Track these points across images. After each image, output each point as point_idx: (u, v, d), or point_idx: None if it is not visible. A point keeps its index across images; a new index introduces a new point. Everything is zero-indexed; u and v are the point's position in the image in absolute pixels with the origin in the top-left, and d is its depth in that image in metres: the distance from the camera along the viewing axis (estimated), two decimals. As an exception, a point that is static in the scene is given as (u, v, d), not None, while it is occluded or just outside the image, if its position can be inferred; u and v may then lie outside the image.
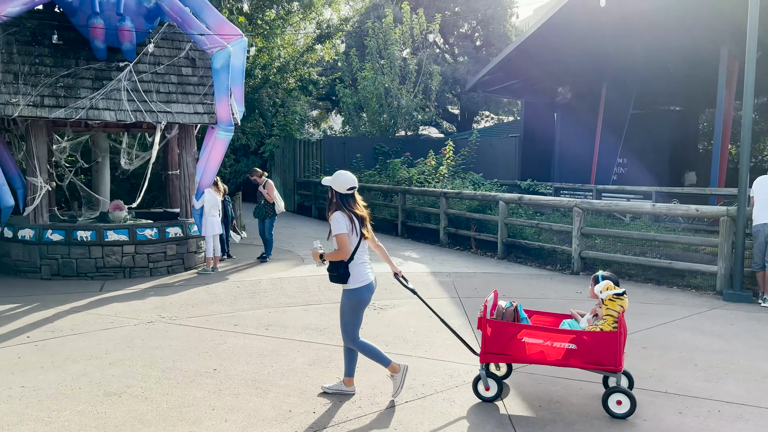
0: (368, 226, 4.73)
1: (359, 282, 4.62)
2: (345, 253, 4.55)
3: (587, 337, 4.43)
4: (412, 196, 14.43)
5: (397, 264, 10.69)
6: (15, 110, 8.76)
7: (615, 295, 4.47)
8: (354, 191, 4.69)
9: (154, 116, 9.57)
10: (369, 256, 4.85)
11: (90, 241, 9.29)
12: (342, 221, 4.56)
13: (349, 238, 4.56)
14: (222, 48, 9.43)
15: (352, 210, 4.63)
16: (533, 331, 4.55)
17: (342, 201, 4.64)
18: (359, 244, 4.63)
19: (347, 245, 4.55)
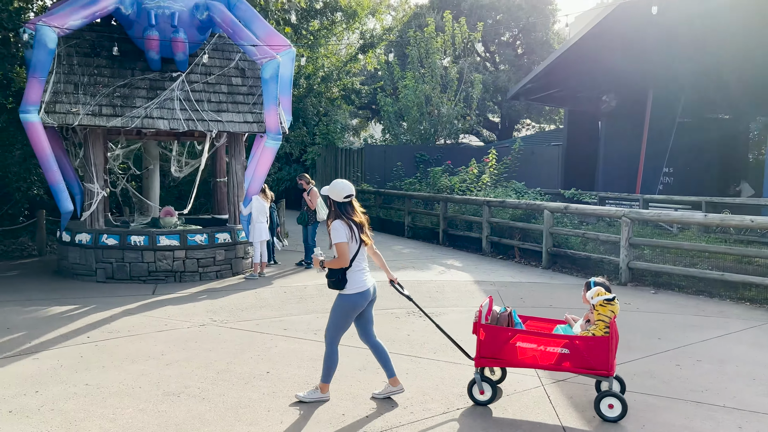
0: (367, 233, 4.80)
1: (355, 289, 4.70)
2: (344, 261, 4.64)
3: (579, 342, 4.50)
4: (454, 204, 14.42)
5: (439, 272, 10.74)
6: (75, 119, 9.12)
7: (606, 301, 4.55)
8: (351, 199, 4.76)
9: (205, 125, 9.83)
10: (388, 263, 4.93)
11: (143, 245, 9.58)
12: (341, 230, 4.62)
13: (348, 246, 4.64)
14: (271, 58, 9.65)
15: (351, 218, 4.69)
16: (527, 335, 4.66)
17: (340, 209, 4.70)
18: (359, 251, 4.71)
19: (347, 254, 4.63)
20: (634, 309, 8.19)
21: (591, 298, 4.65)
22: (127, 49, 10.29)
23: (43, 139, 8.91)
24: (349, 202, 4.74)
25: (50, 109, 9.05)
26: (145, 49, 9.91)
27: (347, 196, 4.72)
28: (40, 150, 8.95)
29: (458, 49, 22.65)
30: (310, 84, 19.57)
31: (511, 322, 4.86)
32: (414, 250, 13.61)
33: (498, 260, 12.29)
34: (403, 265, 11.52)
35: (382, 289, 5.34)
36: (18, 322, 7.28)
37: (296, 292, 9.13)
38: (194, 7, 9.93)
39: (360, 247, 4.72)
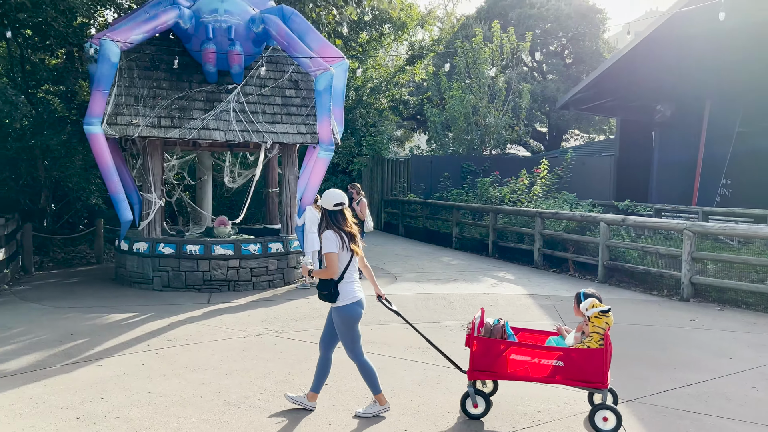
0: (358, 243, 4.71)
1: (348, 299, 4.62)
2: (333, 272, 4.57)
3: (575, 355, 4.46)
4: (504, 215, 14.20)
5: (491, 285, 10.56)
6: (135, 131, 9.35)
7: (601, 313, 4.54)
8: (342, 207, 4.70)
9: (260, 136, 9.95)
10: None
11: (198, 254, 9.73)
12: (332, 240, 4.57)
13: (339, 257, 4.57)
14: (325, 70, 9.71)
15: (342, 227, 4.63)
16: (521, 348, 4.60)
17: (331, 218, 4.66)
18: (350, 262, 4.63)
19: (336, 265, 4.56)
20: (700, 326, 7.86)
21: (585, 309, 4.61)
22: (184, 62, 10.52)
23: (105, 150, 9.17)
24: (340, 211, 4.68)
25: (112, 121, 9.31)
26: (203, 62, 10.11)
27: (337, 204, 4.67)
28: (102, 161, 9.20)
29: (506, 59, 22.45)
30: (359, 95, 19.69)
31: (504, 334, 4.82)
32: (463, 262, 13.44)
33: (551, 273, 12.02)
34: (453, 277, 11.38)
35: (434, 302, 5.24)
36: (81, 328, 7.46)
37: (348, 303, 9.09)
38: (250, 21, 10.10)
39: (352, 257, 4.64)
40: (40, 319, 7.91)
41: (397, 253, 14.76)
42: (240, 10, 10.10)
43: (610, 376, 4.60)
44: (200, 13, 9.96)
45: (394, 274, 11.64)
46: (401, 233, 19.47)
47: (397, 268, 12.45)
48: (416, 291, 9.95)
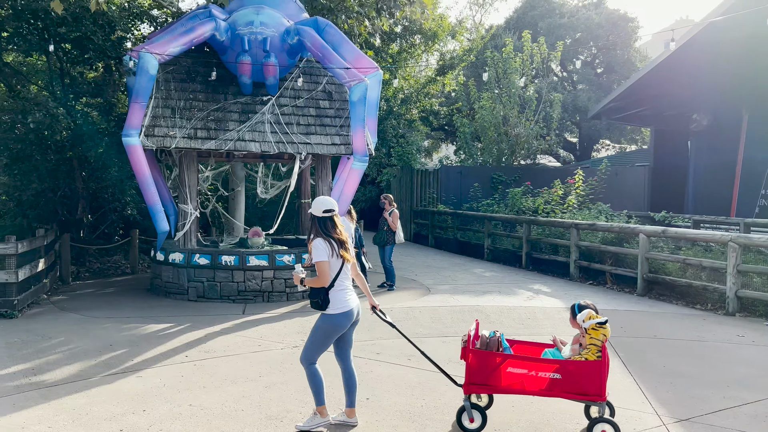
0: (349, 250, 4.63)
1: (338, 309, 4.54)
2: (324, 280, 4.50)
3: (572, 367, 4.42)
4: (538, 226, 13.99)
5: (527, 298, 10.36)
6: (172, 142, 9.44)
7: (598, 324, 4.47)
8: (332, 214, 4.63)
9: (294, 147, 9.96)
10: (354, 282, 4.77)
11: (233, 265, 9.74)
12: (322, 248, 4.50)
13: (329, 265, 4.50)
14: (360, 81, 9.69)
15: (331, 235, 4.56)
16: (518, 360, 4.52)
17: (320, 225, 4.59)
18: (341, 269, 4.56)
19: (327, 273, 4.49)
20: (749, 342, 7.57)
21: (582, 321, 4.57)
22: (220, 74, 10.60)
23: (143, 162, 9.25)
24: (330, 218, 4.61)
25: (149, 133, 9.41)
26: (238, 74, 10.18)
27: (327, 211, 4.61)
28: (140, 172, 9.29)
29: (536, 68, 22.26)
30: (390, 106, 19.69)
31: (500, 346, 4.75)
32: (496, 274, 13.26)
33: (587, 286, 11.77)
34: (488, 289, 11.21)
35: (470, 315, 5.11)
36: (119, 339, 7.49)
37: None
38: (285, 32, 10.15)
39: (342, 265, 4.57)
40: (79, 329, 7.97)
41: (428, 264, 14.63)
42: (275, 22, 10.16)
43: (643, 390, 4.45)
44: (236, 26, 10.04)
45: (427, 286, 11.52)
46: (431, 244, 19.33)
47: (430, 279, 12.33)
48: (451, 303, 9.81)
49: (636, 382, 5.92)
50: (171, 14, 12.09)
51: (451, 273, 13.30)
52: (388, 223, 11.15)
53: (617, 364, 6.57)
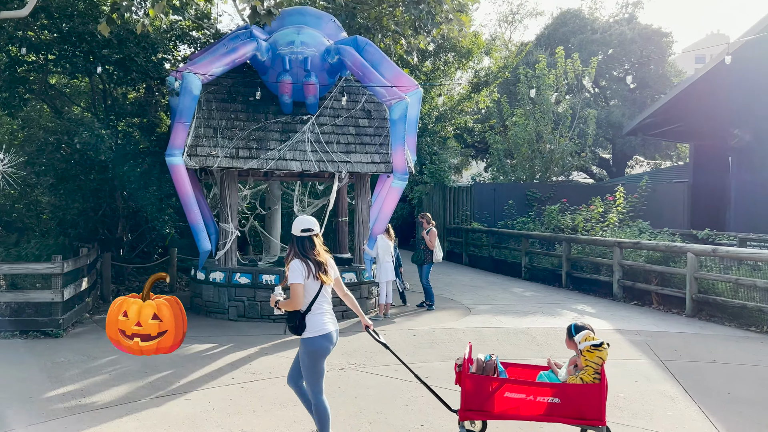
0: (329, 272, 4.45)
1: (316, 331, 4.37)
2: (299, 303, 4.31)
3: (571, 391, 4.33)
4: (579, 245, 13.70)
5: (572, 319, 10.08)
6: (214, 162, 9.47)
7: (593, 347, 4.40)
8: (311, 234, 4.43)
9: (335, 166, 9.92)
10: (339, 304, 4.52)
11: (274, 284, 9.68)
12: (298, 270, 4.32)
13: (305, 288, 4.32)
14: (400, 99, 9.64)
15: (309, 256, 4.38)
16: (515, 385, 4.40)
17: (298, 245, 4.41)
18: (319, 292, 4.37)
19: (301, 296, 4.31)
20: (815, 368, 7.22)
21: (579, 342, 4.48)
22: (260, 94, 10.65)
23: (186, 181, 9.30)
24: (309, 238, 4.42)
25: (192, 152, 9.46)
26: (279, 94, 10.21)
27: (305, 231, 4.43)
28: (183, 191, 9.33)
29: (570, 84, 22.06)
30: (424, 123, 19.65)
31: (496, 371, 4.62)
32: (536, 294, 12.99)
33: (632, 306, 11.44)
34: (530, 309, 10.96)
35: (515, 337, 4.94)
36: (164, 360, 7.44)
37: (426, 336, 8.84)
38: (325, 52, 10.16)
39: (321, 287, 4.38)
40: (124, 348, 7.96)
41: (465, 283, 14.42)
42: (315, 42, 10.19)
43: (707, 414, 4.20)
44: (277, 46, 10.09)
45: (467, 306, 11.32)
46: (465, 262, 19.10)
47: (469, 299, 12.12)
48: (494, 324, 9.60)
49: (702, 411, 5.65)
50: (211, 35, 12.24)
51: (489, 292, 13.07)
52: (426, 242, 11.01)
53: (678, 390, 6.30)
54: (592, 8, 31.57)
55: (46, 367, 6.98)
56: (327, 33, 10.74)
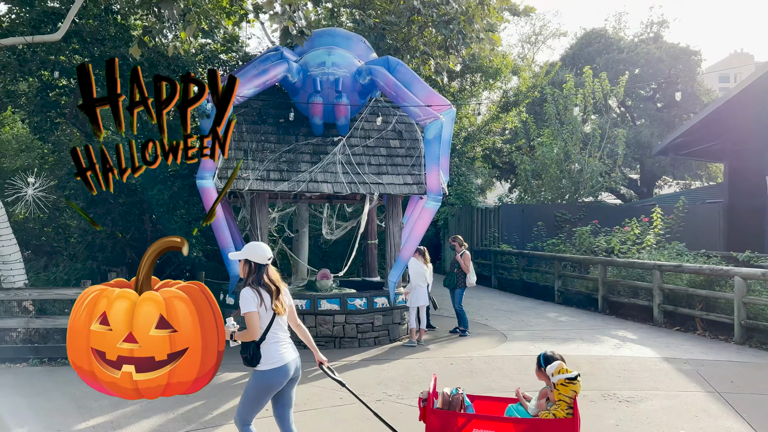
0: (282, 301, 4.29)
1: (271, 364, 4.18)
2: (254, 333, 4.13)
3: (543, 426, 4.12)
4: (615, 268, 13.26)
5: (615, 346, 9.67)
6: (245, 184, 9.31)
7: (567, 380, 4.19)
8: (269, 262, 4.30)
9: (367, 188, 9.70)
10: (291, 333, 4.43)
11: (304, 309, 9.43)
12: (250, 298, 4.15)
13: (258, 316, 4.15)
14: (435, 119, 9.43)
15: (261, 283, 4.21)
16: (484, 421, 4.16)
17: (256, 273, 4.25)
18: (273, 320, 4.20)
19: (256, 325, 4.13)
20: None
21: (551, 375, 4.25)
22: (289, 116, 10.53)
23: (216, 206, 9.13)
24: (266, 266, 4.28)
25: (223, 175, 9.31)
26: (309, 115, 10.06)
27: (268, 258, 4.30)
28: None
29: (599, 104, 21.74)
30: (453, 144, 19.46)
31: (463, 406, 4.33)
32: (572, 318, 12.55)
33: (675, 332, 10.95)
34: (569, 335, 10.55)
35: (568, 364, 4.61)
36: (195, 388, 7.20)
37: (463, 365, 8.49)
38: (357, 73, 10.02)
39: (274, 317, 4.21)
40: (153, 377, 7.73)
41: (496, 308, 14.03)
42: (347, 63, 10.05)
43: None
44: (308, 67, 9.96)
45: (502, 332, 10.93)
46: (494, 285, 18.69)
47: (503, 324, 11.74)
48: (533, 351, 9.20)
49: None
50: (239, 58, 12.18)
51: (522, 317, 12.67)
52: (460, 265, 10.69)
53: (742, 426, 5.87)
54: (616, 28, 31.30)
55: (75, 397, 6.78)
56: (357, 54, 10.61)
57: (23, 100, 10.70)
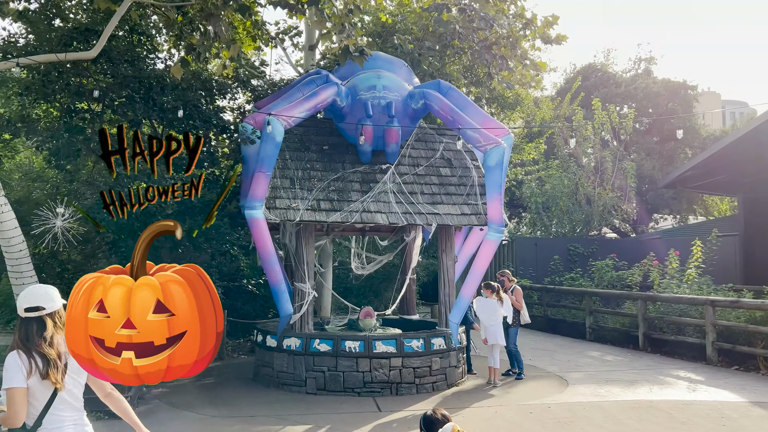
0: (61, 370, 3.08)
1: None
2: (15, 417, 2.95)
3: None
4: (657, 303, 12.72)
5: (688, 389, 9.03)
6: (296, 215, 8.54)
7: None
8: (41, 313, 3.08)
9: (423, 218, 9.02)
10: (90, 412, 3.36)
11: (358, 352, 8.61)
12: (15, 367, 2.98)
13: (27, 393, 2.99)
14: (496, 144, 8.86)
15: (34, 346, 3.04)
16: None
17: (22, 330, 3.08)
18: (52, 399, 3.06)
19: (20, 405, 2.96)
20: None
21: None
22: (333, 142, 9.88)
23: (267, 237, 8.35)
24: (38, 320, 3.07)
25: (270, 205, 8.54)
26: (358, 142, 9.41)
27: (31, 309, 3.07)
28: (265, 248, 8.37)
29: (607, 136, 21.61)
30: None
31: None
32: (618, 358, 11.92)
33: (736, 372, 10.38)
34: (630, 377, 9.87)
35: (648, 414, 3.93)
36: (262, 446, 6.32)
37: (545, 414, 7.73)
38: (408, 97, 9.45)
39: (55, 393, 3.07)
40: (206, 432, 6.82)
41: (531, 346, 13.30)
42: (397, 86, 9.49)
43: None
44: (357, 90, 9.36)
45: (557, 374, 10.22)
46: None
47: (551, 365, 11.04)
48: (609, 397, 8.52)
49: None
50: (267, 83, 11.51)
51: (565, 356, 11.99)
52: (512, 302, 9.98)
53: None
54: (605, 64, 31.60)
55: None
56: (402, 78, 10.06)
57: (41, 125, 9.82)
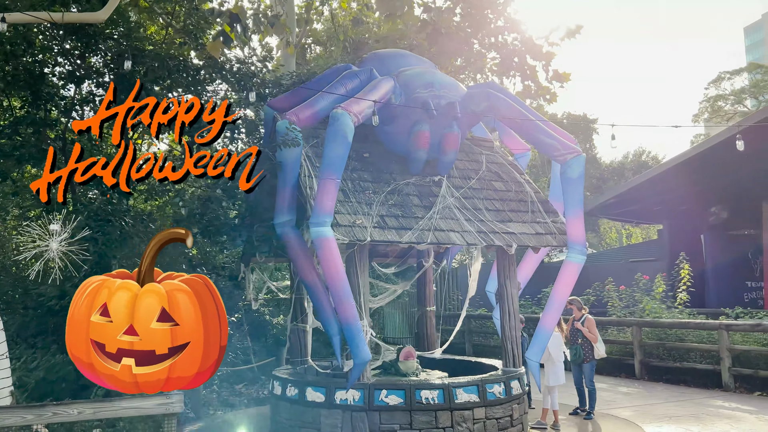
0: None
1: None
2: None
3: None
4: (655, 329, 12.39)
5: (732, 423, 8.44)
6: (365, 234, 6.79)
7: None
8: None
9: (500, 238, 7.67)
10: None
11: (436, 404, 6.97)
12: None
13: None
14: (577, 154, 7.84)
15: None
16: None
17: None
18: None
19: None
20: None
21: None
22: (371, 150, 8.28)
23: (339, 262, 6.50)
24: None
25: (333, 222, 6.73)
26: (412, 148, 7.91)
27: None
28: (336, 275, 6.48)
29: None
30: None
31: None
32: (631, 389, 11.35)
33: (756, 397, 10.18)
34: (661, 411, 9.23)
35: None
36: None
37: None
38: (467, 98, 8.14)
39: None
40: None
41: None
42: (453, 85, 8.20)
43: None
44: (411, 88, 7.88)
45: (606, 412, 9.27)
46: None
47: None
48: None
49: None
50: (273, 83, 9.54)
51: (572, 389, 11.19)
52: (584, 334, 8.88)
53: None
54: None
55: None
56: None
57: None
